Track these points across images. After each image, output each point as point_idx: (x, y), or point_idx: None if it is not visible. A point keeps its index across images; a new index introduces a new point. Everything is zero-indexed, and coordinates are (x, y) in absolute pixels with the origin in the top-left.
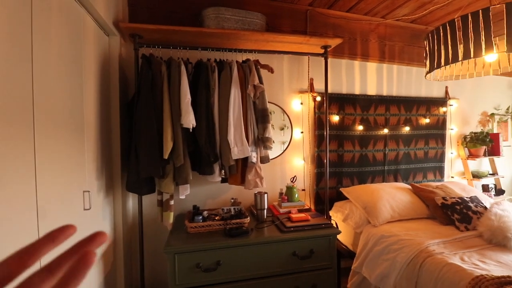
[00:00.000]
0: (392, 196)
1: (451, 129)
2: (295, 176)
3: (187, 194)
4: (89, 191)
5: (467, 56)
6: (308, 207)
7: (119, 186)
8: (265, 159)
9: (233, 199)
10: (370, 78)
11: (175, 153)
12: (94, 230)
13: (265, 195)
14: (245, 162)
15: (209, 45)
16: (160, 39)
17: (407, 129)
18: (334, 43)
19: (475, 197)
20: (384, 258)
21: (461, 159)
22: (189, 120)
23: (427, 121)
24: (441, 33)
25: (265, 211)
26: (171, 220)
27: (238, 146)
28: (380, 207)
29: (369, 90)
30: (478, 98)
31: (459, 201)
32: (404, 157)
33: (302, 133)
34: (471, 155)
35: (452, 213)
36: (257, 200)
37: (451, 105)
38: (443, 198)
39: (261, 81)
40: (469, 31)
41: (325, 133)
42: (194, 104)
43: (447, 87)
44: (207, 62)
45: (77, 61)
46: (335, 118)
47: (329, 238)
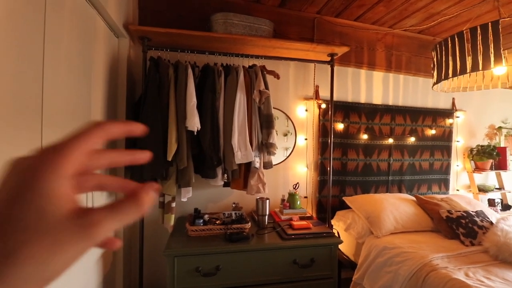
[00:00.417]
0: (396, 207)
1: (457, 141)
2: (298, 183)
3: (189, 196)
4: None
5: (475, 68)
6: (310, 215)
7: None
8: (268, 165)
9: (234, 203)
10: (376, 87)
11: (178, 156)
12: None
13: (267, 201)
14: (248, 167)
15: (217, 49)
16: (168, 42)
17: (412, 139)
18: (340, 51)
19: (481, 211)
20: (386, 270)
21: (467, 172)
22: (194, 123)
23: (433, 132)
24: (450, 45)
25: (267, 217)
26: (172, 222)
27: (241, 150)
28: (383, 217)
29: (375, 99)
30: (485, 110)
31: (465, 215)
32: (409, 167)
33: (306, 140)
34: (477, 169)
35: (457, 227)
36: (258, 205)
37: (457, 117)
38: (448, 211)
39: (267, 87)
40: (478, 43)
41: (329, 141)
42: (199, 107)
43: (454, 99)
44: (214, 66)
45: (86, 61)
46: (340, 126)
47: (330, 247)
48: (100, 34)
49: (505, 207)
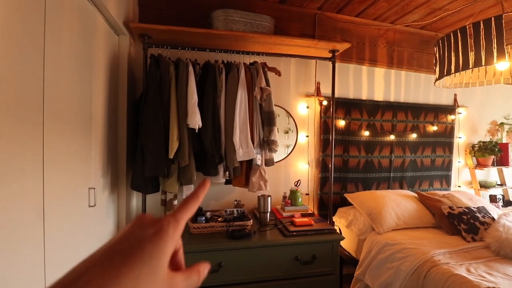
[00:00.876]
0: (397, 203)
1: (459, 138)
2: (299, 180)
3: None
4: (94, 188)
5: (478, 63)
6: (311, 212)
7: (124, 184)
8: (269, 162)
9: (236, 201)
10: (377, 83)
11: (180, 153)
12: (98, 227)
13: (269, 198)
14: (249, 164)
15: (217, 46)
16: (169, 39)
17: (414, 136)
18: (342, 47)
19: (483, 207)
20: (388, 266)
21: (469, 168)
22: (195, 120)
23: (435, 128)
24: (452, 40)
25: (268, 214)
26: None
27: (243, 148)
28: (385, 214)
29: (376, 95)
30: (487, 106)
31: (466, 211)
32: (410, 164)
33: (307, 137)
34: (479, 165)
35: (458, 223)
36: (260, 203)
37: (459, 113)
38: (450, 207)
39: (268, 84)
40: (481, 39)
41: (331, 138)
42: (200, 105)
43: (456, 95)
44: (214, 63)
45: (87, 59)
46: (341, 122)
47: (332, 244)
48: (100, 31)
49: (507, 203)
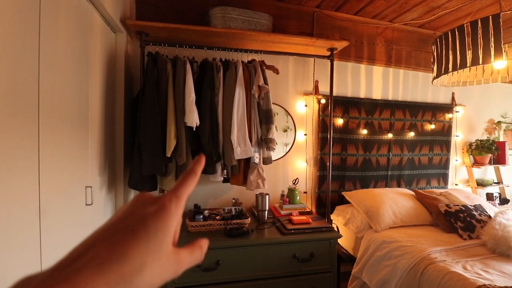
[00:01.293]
0: (395, 201)
1: (457, 136)
2: (297, 178)
3: None
4: (91, 187)
5: (475, 62)
6: (309, 210)
7: (121, 182)
8: (267, 160)
9: (234, 199)
10: (375, 82)
11: (178, 152)
12: (95, 226)
13: (267, 196)
14: (247, 162)
15: (215, 44)
16: (166, 37)
17: (411, 134)
18: (340, 45)
19: (479, 205)
20: (385, 264)
21: (466, 166)
22: (193, 118)
23: (433, 127)
24: (450, 39)
25: (266, 212)
26: None
27: (241, 146)
28: (382, 212)
29: (375, 94)
30: (485, 105)
31: (463, 209)
32: (408, 162)
33: (305, 135)
34: (476, 163)
35: (455, 221)
36: (258, 201)
37: (457, 112)
38: (447, 205)
39: (266, 82)
40: (479, 37)
41: (329, 136)
42: (198, 103)
43: (453, 93)
44: (212, 61)
45: (83, 56)
46: (339, 121)
47: (330, 241)
48: (96, 29)
49: (503, 201)
